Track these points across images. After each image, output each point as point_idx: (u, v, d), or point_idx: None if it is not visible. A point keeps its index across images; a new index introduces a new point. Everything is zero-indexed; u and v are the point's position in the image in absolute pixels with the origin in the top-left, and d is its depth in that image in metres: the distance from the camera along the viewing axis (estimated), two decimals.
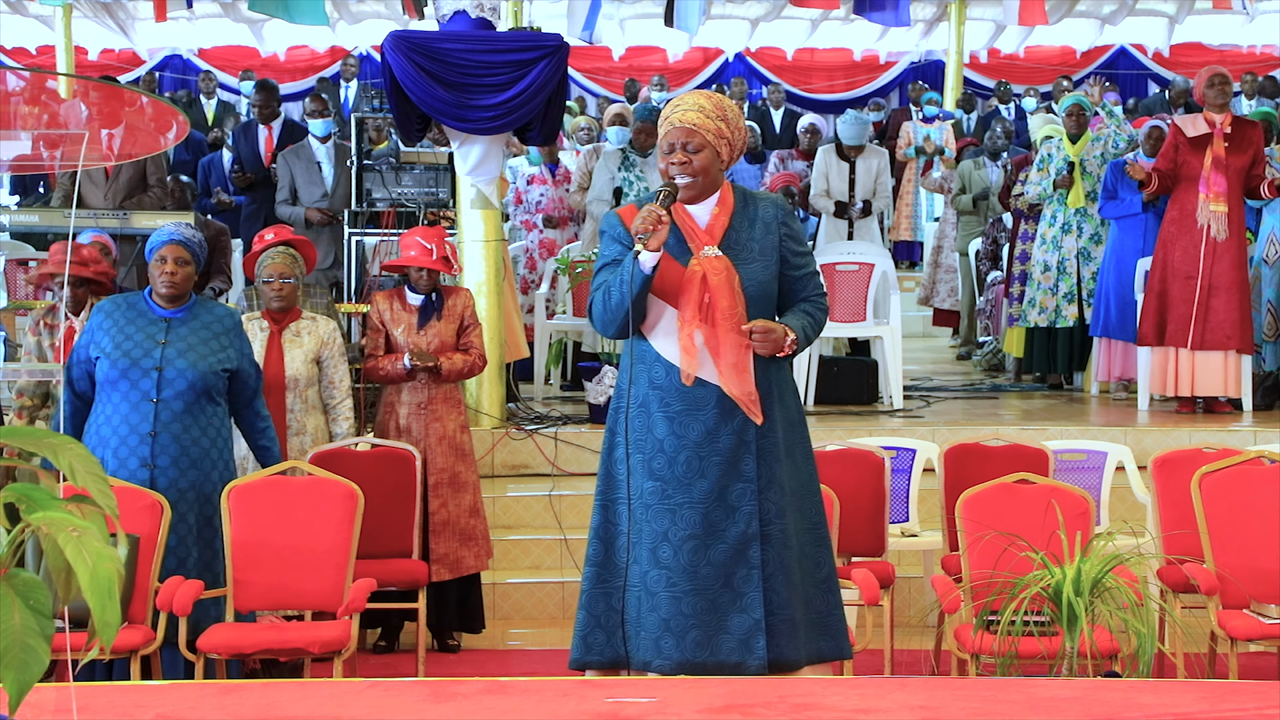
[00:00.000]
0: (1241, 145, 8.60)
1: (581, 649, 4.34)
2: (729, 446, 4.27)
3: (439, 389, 6.50)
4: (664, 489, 4.27)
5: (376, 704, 3.64)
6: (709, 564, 4.23)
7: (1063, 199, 9.59)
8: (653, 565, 4.25)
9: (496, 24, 8.04)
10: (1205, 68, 8.98)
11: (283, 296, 6.33)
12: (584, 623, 4.35)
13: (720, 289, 4.26)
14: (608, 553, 4.34)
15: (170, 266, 5.44)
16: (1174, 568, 5.30)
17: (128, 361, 5.35)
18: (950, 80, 18.05)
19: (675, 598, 4.22)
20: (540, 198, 10.63)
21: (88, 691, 3.76)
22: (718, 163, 4.35)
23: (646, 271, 4.20)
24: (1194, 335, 8.61)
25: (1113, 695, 3.68)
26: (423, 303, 6.53)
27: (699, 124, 4.30)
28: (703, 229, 4.34)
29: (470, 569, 6.52)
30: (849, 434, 7.26)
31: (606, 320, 4.31)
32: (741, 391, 4.26)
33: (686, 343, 4.26)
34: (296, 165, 9.34)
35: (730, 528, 4.25)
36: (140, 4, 18.32)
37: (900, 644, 6.11)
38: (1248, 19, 19.14)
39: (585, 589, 4.36)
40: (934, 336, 13.43)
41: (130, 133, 4.78)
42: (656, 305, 4.30)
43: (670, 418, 4.28)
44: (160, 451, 5.35)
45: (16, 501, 2.39)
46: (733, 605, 4.23)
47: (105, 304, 5.56)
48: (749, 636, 4.21)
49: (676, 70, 20.33)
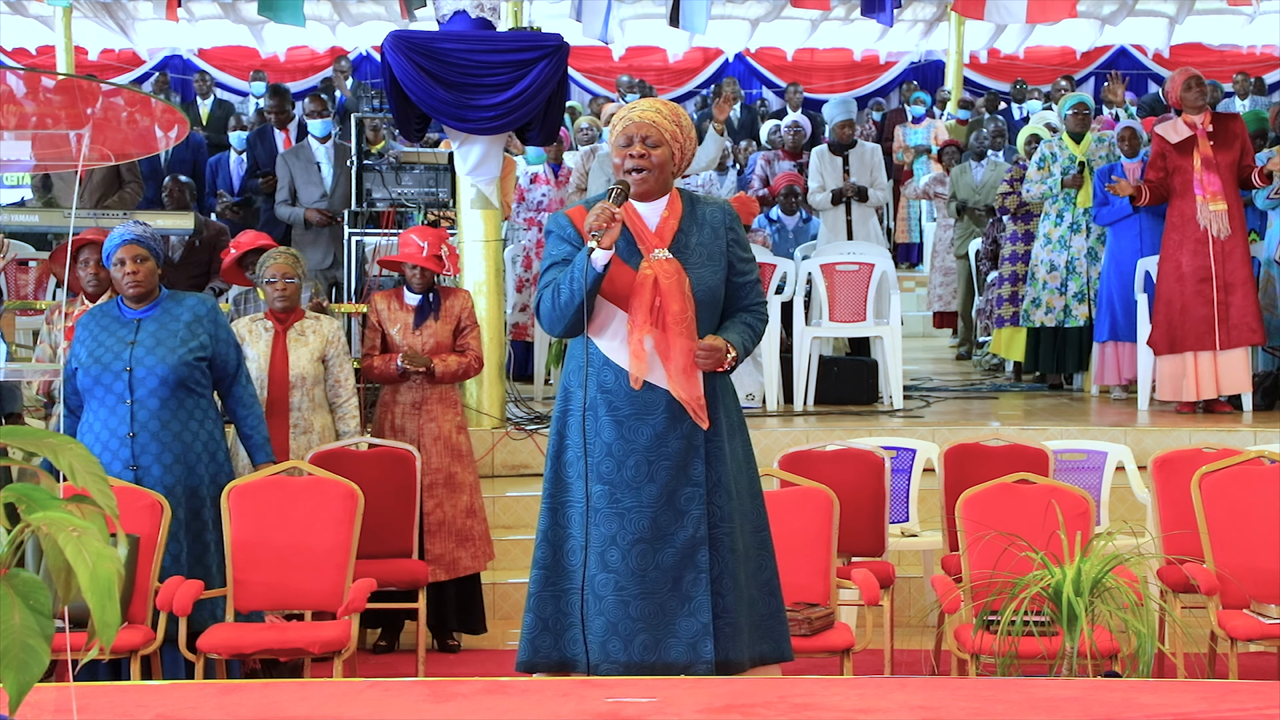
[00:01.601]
0: (1227, 140, 8.62)
1: (529, 651, 4.32)
2: (678, 450, 4.26)
3: (434, 389, 6.51)
4: (612, 493, 4.25)
5: (376, 704, 3.64)
6: (657, 568, 4.23)
7: (1070, 198, 9.58)
8: (600, 569, 4.24)
9: (496, 24, 8.04)
10: (1177, 71, 8.98)
11: (287, 296, 6.35)
12: (531, 625, 4.32)
13: (671, 292, 4.24)
14: (556, 555, 4.31)
15: (130, 266, 5.46)
16: (1174, 568, 5.29)
17: (99, 368, 5.39)
18: (950, 80, 18.05)
19: (623, 601, 4.22)
20: (543, 197, 10.62)
21: (88, 691, 3.76)
22: (671, 163, 4.35)
23: (599, 269, 4.18)
24: (1221, 336, 8.61)
25: (1113, 695, 3.68)
26: (420, 302, 6.54)
27: (657, 121, 4.31)
28: (652, 231, 4.34)
29: (468, 570, 6.52)
30: (849, 434, 7.26)
31: (555, 318, 4.28)
32: (690, 396, 4.25)
33: (636, 347, 4.24)
34: (296, 165, 9.35)
35: (679, 532, 4.24)
36: (140, 4, 18.32)
37: (900, 644, 6.11)
38: (1249, 19, 19.16)
39: (533, 591, 4.34)
40: (934, 336, 13.43)
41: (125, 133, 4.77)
42: (605, 308, 4.29)
43: (619, 421, 4.26)
44: (141, 451, 5.37)
45: (16, 501, 2.39)
46: (680, 609, 4.22)
47: (84, 316, 5.62)
48: (696, 639, 4.21)
49: (676, 70, 20.32)
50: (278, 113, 10.68)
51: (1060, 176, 9.57)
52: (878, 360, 9.32)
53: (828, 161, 10.26)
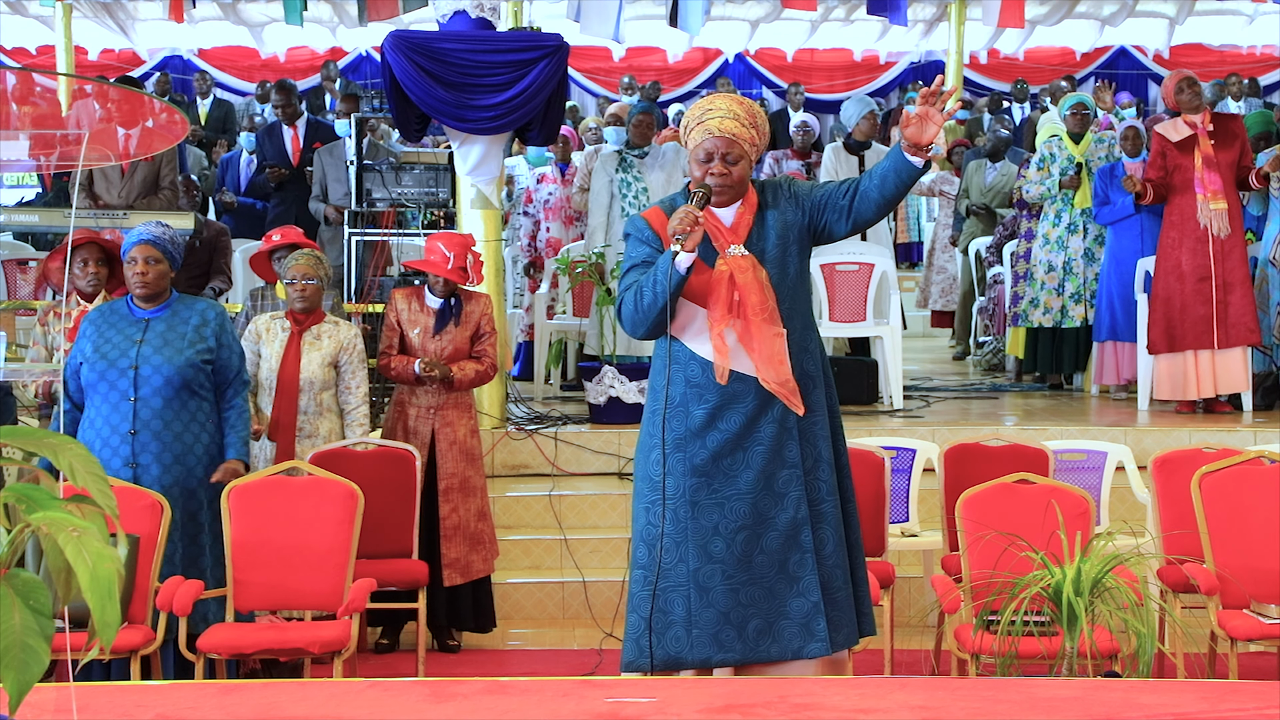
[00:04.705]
0: (1227, 139, 8.65)
1: (634, 651, 4.36)
2: (771, 435, 4.31)
3: (451, 394, 6.49)
4: (709, 483, 4.31)
5: (376, 704, 3.64)
6: (762, 552, 4.30)
7: (1068, 199, 9.59)
8: (704, 561, 4.29)
9: (496, 24, 8.04)
10: (1171, 74, 9.00)
11: (306, 297, 6.31)
12: (634, 625, 4.37)
13: (749, 286, 4.29)
14: (651, 555, 4.35)
15: (141, 266, 5.48)
16: (1174, 568, 5.30)
17: (105, 363, 5.40)
18: (950, 81, 18.04)
19: (732, 589, 4.28)
20: (549, 196, 10.60)
21: (88, 691, 3.76)
22: (750, 170, 4.39)
23: (682, 272, 4.22)
24: (1219, 335, 8.61)
25: (1113, 695, 3.68)
26: (441, 306, 6.50)
27: (738, 134, 4.32)
28: (728, 228, 4.37)
29: (480, 572, 6.52)
30: (849, 434, 7.16)
31: (638, 320, 4.32)
32: (778, 381, 4.29)
33: (718, 342, 4.29)
34: (329, 163, 9.51)
35: (780, 514, 4.31)
36: (141, 4, 18.30)
37: (900, 644, 6.11)
38: (1249, 20, 19.15)
39: (634, 591, 4.39)
40: (934, 336, 13.43)
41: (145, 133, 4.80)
42: (686, 307, 4.33)
43: (710, 413, 4.31)
44: (141, 449, 5.38)
45: (16, 501, 2.39)
46: (790, 590, 4.29)
47: (92, 312, 5.64)
48: (809, 620, 4.28)
49: (676, 70, 20.32)
50: (285, 107, 10.73)
51: (1059, 177, 9.57)
52: (878, 360, 9.32)
53: (843, 160, 10.18)
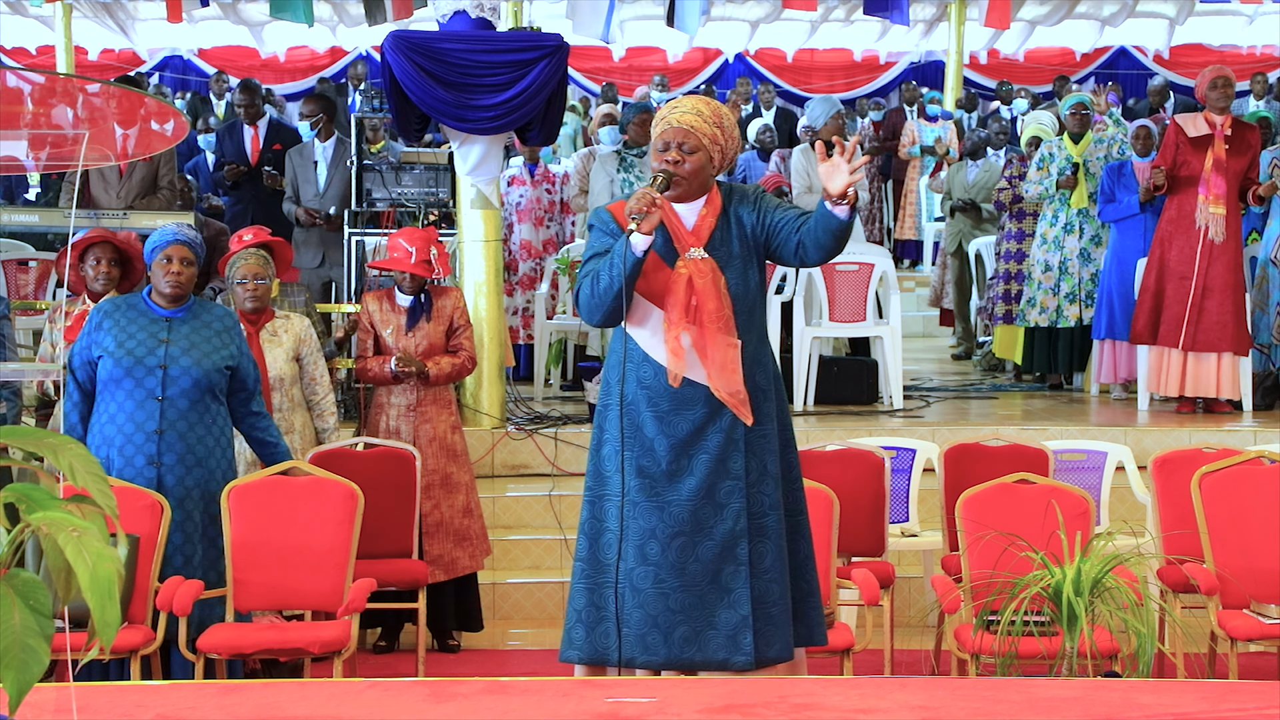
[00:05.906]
0: (1240, 148, 8.62)
1: (565, 643, 4.36)
2: (718, 444, 4.28)
3: (428, 391, 6.50)
4: (652, 486, 4.28)
5: (376, 704, 3.64)
6: (697, 560, 4.25)
7: (1065, 199, 9.60)
8: (639, 562, 4.27)
9: (496, 24, 8.04)
10: (1209, 67, 8.95)
11: (257, 297, 6.30)
12: (569, 617, 4.37)
13: (706, 291, 4.26)
14: (593, 549, 4.35)
15: (176, 266, 5.45)
16: (1174, 568, 5.29)
17: (132, 360, 5.35)
18: (950, 80, 18.05)
19: (662, 594, 4.24)
20: (520, 199, 10.57)
21: (88, 691, 3.76)
22: (709, 167, 4.35)
23: (638, 254, 4.19)
24: (1186, 336, 8.61)
25: (1113, 695, 3.68)
26: (411, 304, 6.52)
27: (695, 126, 4.31)
28: (689, 230, 4.35)
29: (466, 569, 6.52)
30: (849, 434, 7.26)
31: (594, 305, 4.31)
32: (729, 391, 4.26)
33: (674, 345, 4.27)
34: (297, 163, 9.40)
35: (718, 525, 4.26)
36: (141, 4, 18.32)
37: (900, 644, 6.11)
38: (1249, 20, 19.15)
39: (572, 585, 4.38)
40: (934, 336, 13.43)
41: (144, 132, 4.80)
42: (643, 305, 4.30)
43: (659, 416, 4.29)
44: (166, 449, 5.35)
45: (16, 501, 2.39)
46: (720, 601, 4.25)
47: (104, 304, 5.58)
48: (736, 633, 4.23)
49: (676, 70, 20.33)
50: (247, 107, 10.57)
51: (1056, 177, 9.59)
52: (878, 360, 9.32)
53: (812, 161, 10.13)
